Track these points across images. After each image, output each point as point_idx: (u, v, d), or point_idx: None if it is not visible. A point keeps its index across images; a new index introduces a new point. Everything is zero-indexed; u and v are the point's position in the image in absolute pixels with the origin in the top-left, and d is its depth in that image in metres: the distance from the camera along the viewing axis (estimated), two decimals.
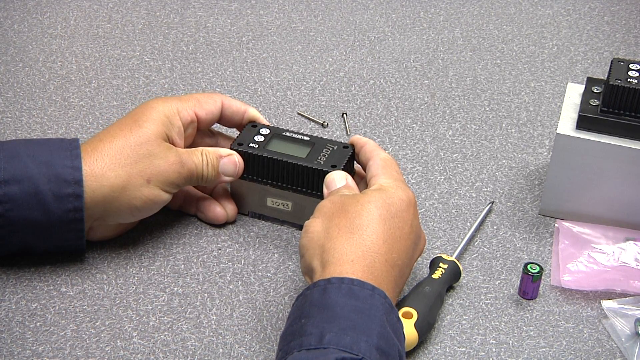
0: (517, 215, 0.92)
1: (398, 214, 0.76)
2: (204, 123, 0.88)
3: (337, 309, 0.68)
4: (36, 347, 0.77)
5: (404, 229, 0.76)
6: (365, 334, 0.67)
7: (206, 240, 0.88)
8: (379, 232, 0.74)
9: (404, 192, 0.78)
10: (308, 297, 0.70)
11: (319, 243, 0.75)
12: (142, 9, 1.22)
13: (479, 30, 1.20)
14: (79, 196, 0.79)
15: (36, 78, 1.08)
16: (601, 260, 0.85)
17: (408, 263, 0.77)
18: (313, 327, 0.67)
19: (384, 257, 0.73)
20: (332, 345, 0.66)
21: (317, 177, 0.85)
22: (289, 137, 0.88)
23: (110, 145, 0.81)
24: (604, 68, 1.13)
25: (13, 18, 1.19)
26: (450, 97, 1.08)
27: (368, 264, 0.72)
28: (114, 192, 0.80)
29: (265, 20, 1.21)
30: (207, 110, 0.87)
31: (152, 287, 0.83)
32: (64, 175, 0.79)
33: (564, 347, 0.79)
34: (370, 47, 1.16)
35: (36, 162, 0.79)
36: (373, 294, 0.70)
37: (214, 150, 0.86)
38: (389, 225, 0.75)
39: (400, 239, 0.75)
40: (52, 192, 0.79)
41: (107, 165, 0.80)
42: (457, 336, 0.80)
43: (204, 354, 0.77)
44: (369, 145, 0.85)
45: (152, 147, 0.82)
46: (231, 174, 0.86)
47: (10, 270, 0.84)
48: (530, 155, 1.00)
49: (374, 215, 0.75)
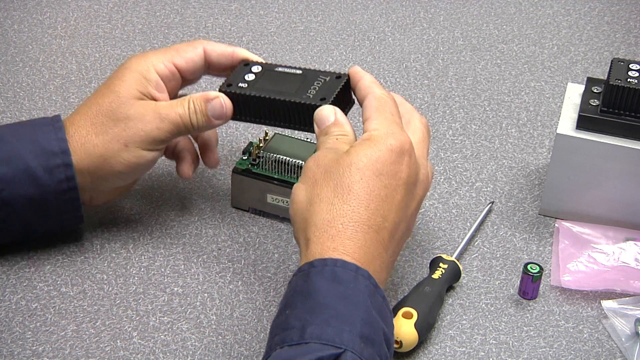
0: (517, 215, 0.92)
1: (385, 170, 0.72)
2: (187, 73, 0.85)
3: (319, 297, 0.67)
4: (36, 347, 0.77)
5: (392, 184, 0.72)
6: (348, 322, 0.66)
7: (206, 240, 0.88)
8: (361, 197, 0.71)
9: (394, 138, 0.73)
10: (293, 285, 0.70)
11: (303, 216, 0.72)
12: (142, 9, 1.22)
13: (479, 30, 1.20)
14: (68, 165, 0.80)
15: (36, 78, 1.08)
16: (601, 260, 0.85)
17: (403, 219, 0.73)
18: (296, 320, 0.67)
19: (366, 225, 0.70)
20: (314, 339, 0.65)
21: (307, 112, 0.80)
22: (281, 73, 0.83)
23: (87, 116, 0.81)
24: (604, 68, 1.13)
25: (13, 18, 1.19)
26: (450, 97, 1.08)
27: (349, 236, 0.70)
28: (96, 160, 0.80)
29: (265, 20, 1.21)
30: (187, 58, 0.84)
31: (152, 287, 0.83)
32: (51, 147, 0.79)
33: (564, 347, 0.79)
34: (370, 47, 1.16)
35: (21, 141, 0.80)
36: (357, 275, 0.68)
37: (201, 94, 0.82)
38: (373, 186, 0.71)
39: (387, 198, 0.71)
40: (41, 166, 0.79)
41: (85, 136, 0.81)
42: (457, 336, 0.80)
43: (204, 354, 0.77)
44: (365, 80, 0.79)
45: (126, 109, 0.81)
46: (220, 117, 0.82)
47: (10, 270, 0.84)
48: (530, 155, 1.00)
49: (355, 179, 0.71)
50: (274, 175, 0.89)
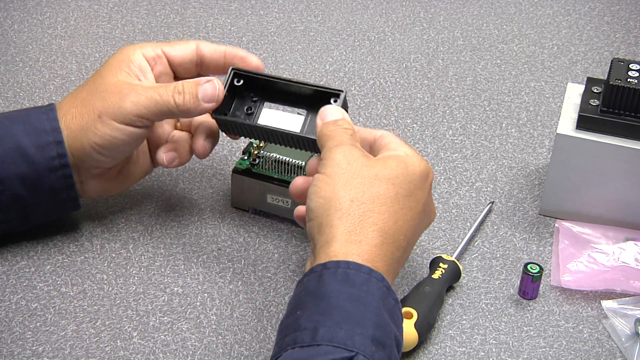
0: (517, 215, 0.92)
1: (414, 192, 0.74)
2: (176, 63, 0.85)
3: (331, 299, 0.67)
4: (36, 347, 0.77)
5: (416, 207, 0.74)
6: (360, 325, 0.66)
7: (206, 240, 0.88)
8: (392, 212, 0.72)
9: (424, 163, 0.76)
10: (305, 285, 0.70)
11: (327, 213, 0.72)
12: (142, 9, 1.22)
13: (479, 30, 1.20)
14: (59, 142, 0.80)
15: (36, 78, 1.08)
16: (601, 260, 0.85)
17: (413, 240, 0.75)
18: (307, 321, 0.67)
19: (391, 239, 0.72)
20: (325, 341, 0.65)
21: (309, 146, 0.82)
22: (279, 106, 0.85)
23: (75, 99, 0.82)
24: (604, 68, 1.13)
25: (13, 18, 1.19)
26: (450, 97, 1.08)
27: (376, 244, 0.71)
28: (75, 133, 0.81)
29: (265, 20, 1.21)
30: (178, 49, 0.85)
31: (152, 287, 0.83)
32: (42, 126, 0.81)
33: (564, 347, 0.79)
34: (370, 47, 1.16)
35: (14, 122, 0.81)
36: (370, 277, 0.69)
37: (192, 80, 0.82)
38: (403, 205, 0.73)
39: (410, 220, 0.74)
40: (32, 144, 0.80)
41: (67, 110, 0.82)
42: (457, 336, 0.80)
43: (204, 354, 0.77)
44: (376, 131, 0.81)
45: (105, 86, 0.82)
46: (211, 99, 0.82)
47: (10, 270, 0.84)
48: (530, 155, 1.00)
49: (390, 193, 0.73)
50: (274, 175, 0.89)
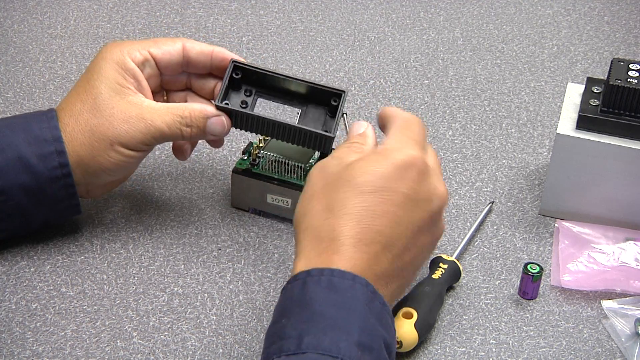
0: (517, 215, 0.92)
1: (386, 186, 0.71)
2: (163, 63, 0.85)
3: (316, 306, 0.67)
4: (36, 347, 0.77)
5: (390, 200, 0.71)
6: (345, 331, 0.66)
7: (206, 240, 0.88)
8: (353, 213, 0.70)
9: (403, 153, 0.72)
10: (289, 292, 0.69)
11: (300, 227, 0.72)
12: (142, 9, 1.22)
13: (479, 30, 1.20)
14: (61, 152, 0.80)
15: (36, 78, 1.08)
16: (601, 260, 0.85)
17: (403, 232, 0.72)
18: (292, 329, 0.67)
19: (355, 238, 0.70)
20: (310, 349, 0.65)
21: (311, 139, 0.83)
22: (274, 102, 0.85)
23: (72, 113, 0.81)
24: (604, 68, 1.13)
25: (13, 18, 1.19)
26: (450, 97, 1.08)
27: (336, 249, 0.70)
28: (85, 159, 0.81)
29: (265, 20, 1.21)
30: (164, 50, 0.84)
31: (152, 287, 0.83)
32: (43, 135, 0.80)
33: (564, 347, 0.79)
34: (370, 47, 1.16)
35: (15, 131, 0.80)
36: (354, 283, 0.68)
37: (199, 109, 0.82)
38: (370, 202, 0.71)
39: (384, 214, 0.71)
40: (34, 154, 0.80)
41: (71, 134, 0.81)
42: (457, 336, 0.80)
43: (204, 354, 0.77)
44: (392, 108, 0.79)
45: (109, 108, 0.81)
46: (219, 134, 0.83)
47: (10, 270, 0.84)
48: (530, 155, 1.00)
49: (349, 195, 0.71)
50: (274, 175, 0.89)
